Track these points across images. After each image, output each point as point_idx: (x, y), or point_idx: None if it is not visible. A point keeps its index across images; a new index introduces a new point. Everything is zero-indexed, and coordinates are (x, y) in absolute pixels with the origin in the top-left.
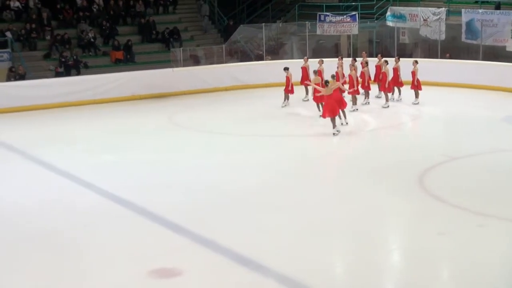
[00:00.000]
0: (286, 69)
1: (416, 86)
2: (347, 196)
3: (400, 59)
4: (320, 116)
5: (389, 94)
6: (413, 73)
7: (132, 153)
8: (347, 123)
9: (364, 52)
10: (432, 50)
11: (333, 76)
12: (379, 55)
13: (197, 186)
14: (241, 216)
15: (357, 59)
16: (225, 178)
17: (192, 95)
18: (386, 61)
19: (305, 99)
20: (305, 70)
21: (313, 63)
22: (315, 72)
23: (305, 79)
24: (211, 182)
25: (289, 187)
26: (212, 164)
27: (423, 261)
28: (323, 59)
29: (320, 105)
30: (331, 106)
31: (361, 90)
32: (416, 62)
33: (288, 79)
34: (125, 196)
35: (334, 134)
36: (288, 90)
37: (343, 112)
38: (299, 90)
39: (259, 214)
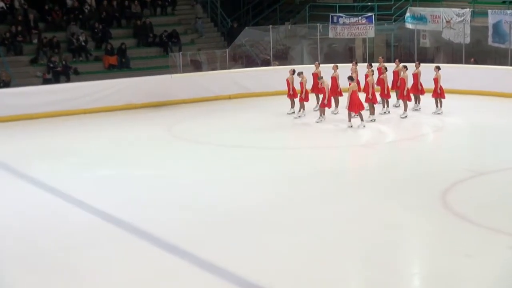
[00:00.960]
0: (300, 73)
1: (439, 94)
2: (362, 214)
3: (421, 64)
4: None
5: (408, 103)
6: (436, 80)
7: (127, 168)
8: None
9: (381, 57)
10: (455, 54)
11: (351, 78)
12: (397, 60)
13: (197, 204)
14: (245, 237)
15: (373, 64)
16: (228, 195)
17: (192, 104)
18: (405, 67)
19: (316, 109)
20: (316, 76)
21: (324, 69)
22: (320, 78)
23: (316, 86)
24: (213, 200)
25: (298, 204)
26: (215, 180)
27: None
28: (338, 65)
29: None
30: (358, 100)
31: (378, 99)
32: (438, 68)
33: (302, 85)
34: (119, 215)
35: (364, 126)
36: (302, 98)
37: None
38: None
39: (265, 234)
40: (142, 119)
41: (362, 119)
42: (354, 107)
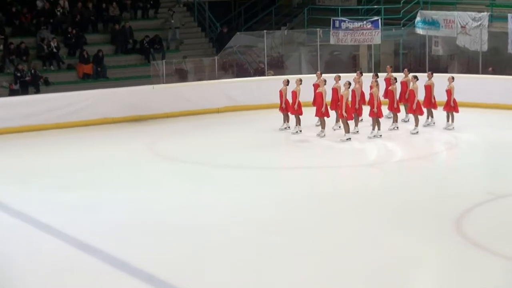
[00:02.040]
0: (299, 81)
1: (452, 107)
2: (368, 242)
3: (433, 74)
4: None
5: (420, 117)
6: (449, 92)
7: (104, 190)
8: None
9: (389, 66)
10: (471, 63)
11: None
12: (406, 70)
13: (182, 230)
14: (237, 266)
15: (379, 74)
16: (216, 220)
17: (177, 118)
18: (416, 77)
19: (317, 124)
20: (317, 87)
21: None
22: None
23: (318, 99)
24: (198, 226)
25: (295, 231)
26: (201, 204)
27: None
28: (340, 75)
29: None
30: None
31: (384, 113)
32: (452, 78)
33: (294, 95)
34: (94, 243)
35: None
36: (295, 109)
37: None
38: (308, 112)
39: (260, 264)
40: (120, 135)
41: (347, 131)
42: (349, 114)
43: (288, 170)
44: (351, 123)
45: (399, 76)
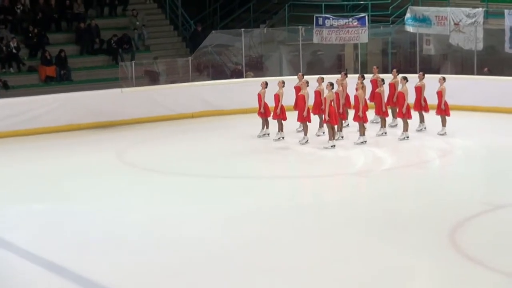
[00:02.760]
0: (282, 83)
1: (443, 110)
2: (355, 255)
3: (425, 75)
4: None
5: (409, 121)
6: (440, 94)
7: (68, 202)
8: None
9: (375, 67)
10: (465, 63)
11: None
12: (394, 71)
13: (153, 247)
14: (219, 283)
15: (365, 75)
16: (191, 235)
17: (147, 124)
18: (405, 78)
19: (299, 129)
20: (299, 90)
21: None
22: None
23: (300, 102)
24: (173, 241)
25: (280, 244)
26: (175, 217)
27: None
28: (323, 76)
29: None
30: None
31: (369, 117)
32: (444, 79)
33: (277, 98)
34: (58, 260)
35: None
36: (277, 114)
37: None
38: (288, 116)
39: (243, 280)
40: (87, 142)
41: (331, 137)
42: (334, 118)
43: (269, 180)
44: (336, 129)
45: (387, 77)
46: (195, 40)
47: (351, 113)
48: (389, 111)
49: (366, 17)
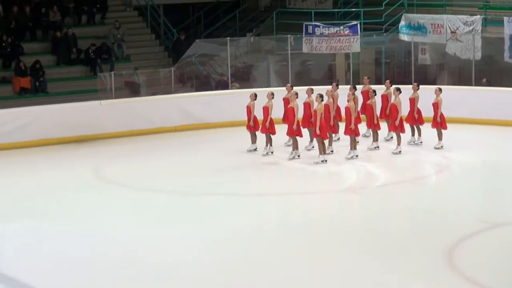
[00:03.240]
0: (271, 95)
1: (439, 123)
2: (349, 277)
3: (420, 86)
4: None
5: (402, 135)
6: (435, 106)
7: (42, 221)
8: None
9: (366, 77)
10: (463, 73)
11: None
12: (387, 82)
13: (133, 269)
14: None
15: (357, 86)
16: (178, 255)
17: (127, 138)
18: (398, 89)
19: (288, 143)
20: (288, 102)
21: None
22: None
23: (290, 115)
24: (155, 264)
25: (268, 265)
26: (155, 237)
27: None
28: (313, 88)
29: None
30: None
31: (361, 131)
32: (440, 90)
33: (266, 111)
34: (32, 282)
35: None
36: (266, 128)
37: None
38: (277, 130)
39: None
40: (63, 158)
41: (322, 151)
42: (323, 132)
43: (256, 198)
44: (326, 142)
45: (381, 88)
46: (178, 49)
47: (342, 126)
48: (383, 124)
49: (358, 25)
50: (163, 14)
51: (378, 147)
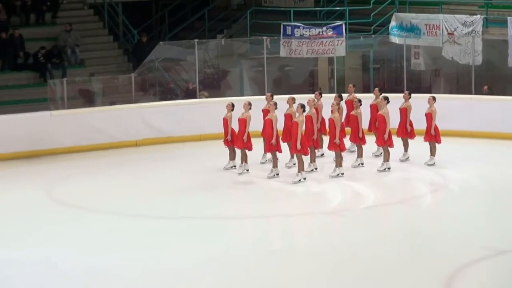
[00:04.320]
0: (248, 105)
1: (433, 136)
2: None
3: (412, 95)
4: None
5: (390, 149)
6: (429, 117)
7: None
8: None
9: (351, 85)
10: (461, 80)
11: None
12: (376, 90)
13: None
14: None
15: (343, 95)
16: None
17: (82, 153)
18: (386, 98)
19: (263, 161)
20: (267, 113)
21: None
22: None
23: (268, 128)
24: None
25: None
26: (116, 266)
27: None
28: (294, 96)
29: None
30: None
31: (347, 144)
32: (433, 99)
33: (243, 124)
34: None
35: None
36: (244, 143)
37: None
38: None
39: None
40: (9, 176)
41: (301, 169)
42: (305, 147)
43: (230, 221)
44: (307, 159)
45: (368, 98)
46: (139, 53)
47: (326, 139)
48: (371, 138)
49: (343, 25)
50: (122, 12)
51: (362, 163)
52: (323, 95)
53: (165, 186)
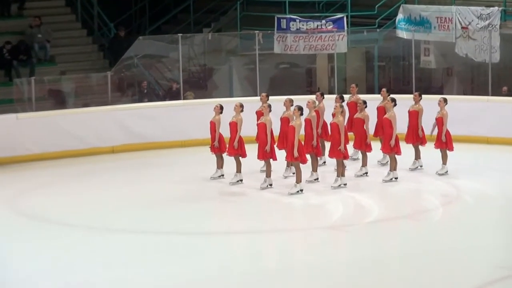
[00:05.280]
0: (240, 107)
1: (444, 143)
2: None
3: (422, 96)
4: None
5: (398, 157)
6: (439, 121)
7: None
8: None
9: (353, 85)
10: (477, 80)
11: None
12: (384, 90)
13: None
14: None
15: (345, 96)
16: None
17: (52, 161)
18: (393, 100)
19: (262, 169)
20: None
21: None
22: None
23: (262, 132)
24: None
25: None
26: (91, 285)
27: None
28: (291, 98)
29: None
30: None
31: (351, 151)
32: (445, 101)
33: (234, 128)
34: None
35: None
36: (234, 150)
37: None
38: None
39: None
40: None
41: (299, 179)
42: (302, 155)
43: (219, 237)
44: (306, 167)
45: (373, 99)
46: (116, 49)
47: (328, 146)
48: (378, 145)
49: (345, 18)
50: (97, 4)
51: (367, 173)
52: (324, 95)
53: (145, 198)
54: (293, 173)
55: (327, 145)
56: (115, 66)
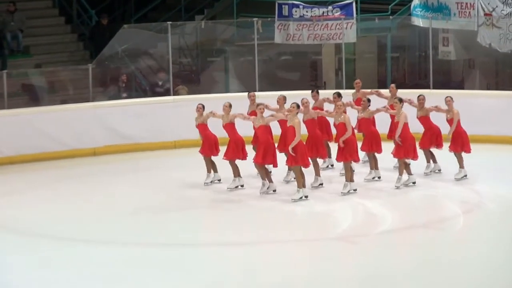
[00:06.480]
0: (230, 107)
1: (461, 145)
2: None
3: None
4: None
5: (412, 162)
6: (451, 123)
7: None
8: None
9: (357, 80)
10: (501, 73)
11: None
12: (393, 86)
13: None
14: None
15: (348, 92)
16: None
17: (26, 165)
18: (401, 101)
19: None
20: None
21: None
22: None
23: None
24: None
25: None
26: None
27: None
28: (285, 94)
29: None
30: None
31: (360, 155)
32: (451, 99)
33: (230, 130)
34: None
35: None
36: (234, 152)
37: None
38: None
39: None
40: None
41: (301, 184)
42: (304, 158)
43: (211, 249)
44: (307, 172)
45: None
46: (97, 39)
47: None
48: (389, 146)
49: (354, 4)
50: None
51: (379, 177)
52: (327, 91)
53: (130, 206)
54: (294, 178)
55: (331, 146)
56: (97, 58)
